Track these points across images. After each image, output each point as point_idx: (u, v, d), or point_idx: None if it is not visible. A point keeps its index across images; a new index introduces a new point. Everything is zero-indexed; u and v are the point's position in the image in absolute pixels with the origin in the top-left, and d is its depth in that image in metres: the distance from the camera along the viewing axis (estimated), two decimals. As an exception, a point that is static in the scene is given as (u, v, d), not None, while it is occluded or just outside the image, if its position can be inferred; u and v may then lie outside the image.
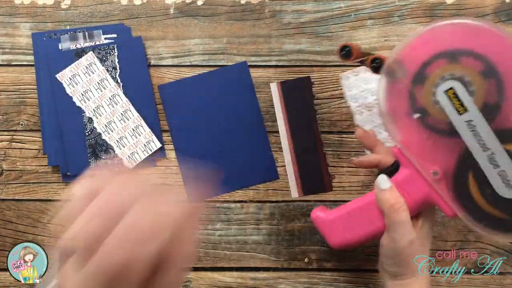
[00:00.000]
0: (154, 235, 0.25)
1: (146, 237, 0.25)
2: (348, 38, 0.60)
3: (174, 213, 0.27)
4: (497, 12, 0.59)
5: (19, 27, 0.61)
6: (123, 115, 0.59)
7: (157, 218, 0.26)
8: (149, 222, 0.26)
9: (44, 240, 0.59)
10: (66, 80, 0.59)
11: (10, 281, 0.59)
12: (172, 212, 0.27)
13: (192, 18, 0.60)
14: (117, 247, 0.25)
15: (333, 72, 0.60)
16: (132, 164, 0.59)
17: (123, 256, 0.24)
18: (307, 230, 0.59)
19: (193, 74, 0.60)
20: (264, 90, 0.60)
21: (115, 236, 0.25)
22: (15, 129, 0.60)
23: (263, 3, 0.60)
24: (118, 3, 0.61)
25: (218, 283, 0.59)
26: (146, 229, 0.25)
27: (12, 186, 0.59)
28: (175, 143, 0.59)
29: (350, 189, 0.59)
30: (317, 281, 0.59)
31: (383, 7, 0.60)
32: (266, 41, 0.60)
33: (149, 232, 0.25)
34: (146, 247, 0.25)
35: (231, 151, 0.59)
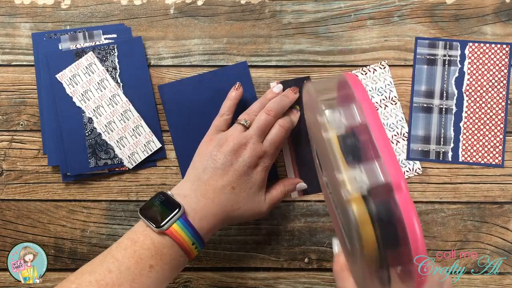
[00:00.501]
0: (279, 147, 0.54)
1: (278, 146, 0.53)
2: (348, 38, 0.60)
3: None
4: (497, 12, 0.59)
5: (19, 27, 0.61)
6: (123, 115, 0.59)
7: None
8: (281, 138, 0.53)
9: (44, 240, 0.59)
10: (66, 80, 0.59)
11: (10, 281, 0.59)
12: None
13: (192, 18, 0.60)
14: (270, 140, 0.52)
15: (333, 72, 0.60)
16: (132, 164, 0.59)
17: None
18: (307, 230, 0.59)
19: (193, 74, 0.60)
20: (264, 90, 0.60)
21: (267, 139, 0.52)
22: (15, 129, 0.60)
23: (263, 3, 0.60)
24: (118, 3, 0.61)
25: (218, 283, 0.59)
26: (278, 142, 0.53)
27: (12, 186, 0.60)
28: (175, 143, 0.59)
29: (350, 189, 0.59)
30: (317, 281, 0.59)
31: (383, 7, 0.60)
32: (266, 41, 0.60)
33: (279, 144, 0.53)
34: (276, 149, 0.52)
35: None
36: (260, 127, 0.52)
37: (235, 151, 0.50)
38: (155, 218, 0.46)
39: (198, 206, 0.48)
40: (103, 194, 0.59)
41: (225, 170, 0.49)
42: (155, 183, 0.59)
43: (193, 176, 0.50)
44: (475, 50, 0.59)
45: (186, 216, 0.46)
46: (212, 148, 0.51)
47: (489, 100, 0.58)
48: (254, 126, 0.52)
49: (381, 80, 0.59)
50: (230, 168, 0.49)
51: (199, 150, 0.52)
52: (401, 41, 0.59)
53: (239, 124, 0.52)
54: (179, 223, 0.45)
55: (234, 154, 0.50)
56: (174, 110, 0.59)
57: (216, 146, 0.50)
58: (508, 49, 0.59)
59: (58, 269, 0.59)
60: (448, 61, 0.59)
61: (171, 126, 0.59)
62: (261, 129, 0.52)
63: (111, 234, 0.59)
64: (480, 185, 0.59)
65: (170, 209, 0.46)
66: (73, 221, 0.59)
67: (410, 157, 0.58)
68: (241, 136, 0.51)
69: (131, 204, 0.59)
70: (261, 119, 0.52)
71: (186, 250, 0.46)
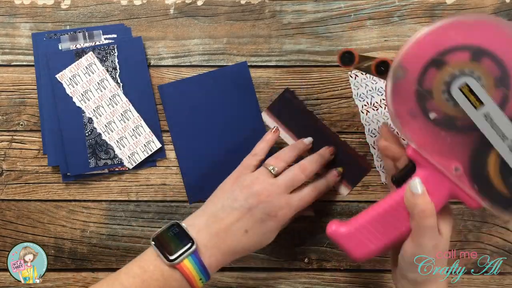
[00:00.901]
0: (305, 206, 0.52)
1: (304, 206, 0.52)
2: (348, 38, 0.60)
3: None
4: (497, 12, 0.59)
5: (19, 27, 0.61)
6: (123, 115, 0.59)
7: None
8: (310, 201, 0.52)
9: (44, 240, 0.59)
10: (66, 80, 0.59)
11: (10, 281, 0.59)
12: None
13: (192, 18, 0.60)
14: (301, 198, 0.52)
15: (333, 72, 0.60)
16: (132, 164, 0.59)
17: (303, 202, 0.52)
18: (307, 230, 0.59)
19: (193, 74, 0.60)
20: (264, 90, 0.60)
21: (298, 194, 0.52)
22: (15, 129, 0.60)
23: (263, 3, 0.60)
24: (118, 3, 0.61)
25: (218, 283, 0.59)
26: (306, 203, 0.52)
27: (12, 186, 0.60)
28: (175, 143, 0.59)
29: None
30: (317, 281, 0.59)
31: (383, 7, 0.60)
32: (266, 41, 0.60)
33: (306, 204, 0.52)
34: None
35: (231, 152, 0.59)
36: (290, 181, 0.51)
37: (257, 196, 0.49)
38: (167, 250, 0.46)
39: (209, 243, 0.48)
40: (103, 194, 0.59)
41: (242, 213, 0.49)
42: (155, 183, 0.59)
43: (210, 211, 0.50)
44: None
45: (197, 253, 0.46)
46: (235, 188, 0.50)
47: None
48: (284, 178, 0.51)
49: (381, 80, 0.59)
50: (247, 213, 0.49)
51: (223, 186, 0.52)
52: (401, 41, 0.59)
53: (266, 169, 0.51)
54: (190, 259, 0.46)
55: (255, 199, 0.49)
56: (174, 110, 0.59)
57: (240, 186, 0.50)
58: None
59: (58, 269, 0.59)
60: None
61: (171, 126, 0.59)
62: (291, 184, 0.51)
63: (111, 234, 0.59)
64: (480, 185, 0.59)
65: (183, 242, 0.46)
66: (73, 221, 0.59)
67: None
68: (267, 183, 0.50)
69: (131, 204, 0.59)
70: (293, 174, 0.51)
71: (192, 284, 0.46)
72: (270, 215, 0.49)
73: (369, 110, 0.59)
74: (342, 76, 0.59)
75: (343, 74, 0.59)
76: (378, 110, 0.59)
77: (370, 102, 0.59)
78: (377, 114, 0.59)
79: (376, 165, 0.59)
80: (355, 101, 0.59)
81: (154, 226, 0.59)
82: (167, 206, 0.59)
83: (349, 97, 0.59)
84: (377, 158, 0.59)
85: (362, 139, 0.59)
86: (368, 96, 0.59)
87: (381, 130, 0.50)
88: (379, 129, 0.53)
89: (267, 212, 0.49)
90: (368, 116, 0.59)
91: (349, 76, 0.59)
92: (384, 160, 0.54)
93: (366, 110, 0.59)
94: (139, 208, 0.59)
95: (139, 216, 0.59)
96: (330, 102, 0.59)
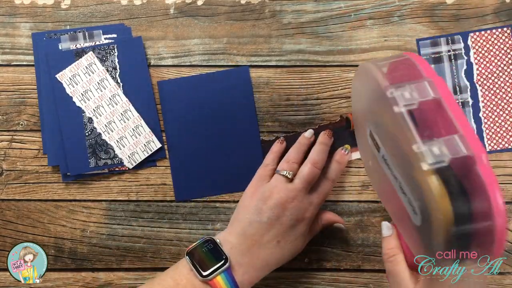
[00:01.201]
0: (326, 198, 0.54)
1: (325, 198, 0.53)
2: (348, 38, 0.60)
3: None
4: (497, 12, 0.59)
5: (19, 27, 0.61)
6: (123, 115, 0.59)
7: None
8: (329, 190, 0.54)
9: (44, 240, 0.59)
10: (66, 80, 0.59)
11: (10, 281, 0.59)
12: None
13: (192, 18, 0.60)
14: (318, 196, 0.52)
15: (333, 72, 0.60)
16: (132, 164, 0.59)
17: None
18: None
19: (193, 74, 0.60)
20: (264, 90, 0.60)
21: (316, 191, 0.53)
22: (15, 129, 0.60)
23: (263, 3, 0.60)
24: (118, 3, 0.61)
25: (218, 283, 0.59)
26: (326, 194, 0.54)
27: (12, 186, 0.59)
28: (168, 140, 0.59)
29: (350, 189, 0.59)
30: (317, 281, 0.59)
31: (383, 7, 0.60)
32: (266, 41, 0.60)
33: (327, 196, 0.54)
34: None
35: (224, 154, 0.59)
36: (307, 180, 0.51)
37: (281, 204, 0.49)
38: (200, 265, 0.47)
39: (243, 260, 0.48)
40: (103, 194, 0.59)
41: (271, 225, 0.49)
42: (155, 183, 0.59)
43: (239, 229, 0.50)
44: (478, 39, 0.59)
45: (230, 270, 0.47)
46: (257, 202, 0.50)
47: (502, 85, 0.59)
48: (300, 178, 0.51)
49: None
50: (276, 223, 0.49)
51: (243, 203, 0.52)
52: (401, 41, 0.59)
53: (281, 175, 0.52)
54: (223, 276, 0.46)
55: (281, 208, 0.49)
56: (170, 107, 0.59)
57: (261, 199, 0.50)
58: (509, 32, 0.59)
59: (58, 269, 0.59)
60: (453, 55, 0.59)
61: (166, 122, 0.59)
62: (308, 182, 0.51)
63: (111, 234, 0.59)
64: (480, 185, 0.59)
65: (216, 258, 0.47)
66: (73, 221, 0.59)
67: None
68: (286, 189, 0.50)
69: (131, 204, 0.59)
70: (307, 172, 0.52)
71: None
72: (298, 219, 0.50)
73: None
74: (342, 76, 0.59)
75: (343, 74, 0.59)
76: None
77: None
78: None
79: None
80: None
81: (154, 226, 0.59)
82: (167, 206, 0.59)
83: (349, 97, 0.59)
84: None
85: (362, 139, 0.59)
86: None
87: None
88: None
89: (295, 217, 0.50)
90: None
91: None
92: None
93: None
94: (139, 208, 0.59)
95: (139, 216, 0.59)
96: (330, 102, 0.59)
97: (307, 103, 0.59)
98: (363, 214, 0.58)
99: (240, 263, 0.48)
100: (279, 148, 0.56)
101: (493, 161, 0.59)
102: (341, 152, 0.56)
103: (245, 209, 0.51)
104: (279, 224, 0.49)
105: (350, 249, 0.58)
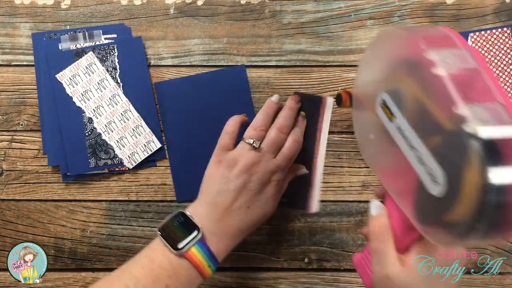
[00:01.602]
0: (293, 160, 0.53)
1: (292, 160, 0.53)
2: (348, 38, 0.60)
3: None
4: (497, 12, 0.59)
5: (19, 27, 0.61)
6: (123, 115, 0.59)
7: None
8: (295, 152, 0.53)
9: (44, 240, 0.59)
10: (66, 80, 0.59)
11: (10, 281, 0.59)
12: None
13: (192, 18, 0.60)
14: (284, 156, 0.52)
15: (333, 72, 0.60)
16: (132, 164, 0.59)
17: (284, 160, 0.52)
18: (307, 230, 0.59)
19: (191, 74, 0.60)
20: (264, 90, 0.60)
21: (282, 153, 0.52)
22: (15, 129, 0.60)
23: (263, 3, 0.60)
24: (118, 3, 0.61)
25: (218, 283, 0.59)
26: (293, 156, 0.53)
27: (12, 186, 0.59)
28: (167, 141, 0.59)
29: (350, 189, 0.59)
30: (317, 281, 0.59)
31: (383, 7, 0.60)
32: (266, 41, 0.60)
33: (293, 158, 0.53)
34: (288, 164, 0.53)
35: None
36: (273, 144, 0.52)
37: (247, 170, 0.50)
38: (173, 239, 0.47)
39: (215, 229, 0.48)
40: (103, 194, 0.59)
41: (239, 192, 0.49)
42: (155, 183, 0.59)
43: (208, 199, 0.50)
44: (478, 39, 0.59)
45: (204, 240, 0.47)
46: (223, 170, 0.50)
47: (502, 85, 0.59)
48: (266, 144, 0.51)
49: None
50: (244, 189, 0.49)
51: (209, 172, 0.52)
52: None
53: (247, 143, 0.51)
54: (197, 247, 0.46)
55: (247, 174, 0.50)
56: (168, 108, 0.59)
57: (228, 167, 0.50)
58: (509, 32, 0.59)
59: (58, 269, 0.59)
60: None
61: (164, 123, 0.59)
62: (274, 146, 0.52)
63: (111, 234, 0.59)
64: (480, 185, 0.59)
65: (188, 230, 0.47)
66: (73, 221, 0.59)
67: None
68: (252, 155, 0.50)
69: (131, 204, 0.59)
70: (273, 137, 0.52)
71: (202, 272, 0.47)
72: (265, 183, 0.50)
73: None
74: (342, 76, 0.59)
75: (343, 74, 0.59)
76: None
77: None
78: None
79: None
80: None
81: (154, 226, 0.59)
82: (167, 206, 0.59)
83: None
84: None
85: (362, 139, 0.59)
86: None
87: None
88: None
89: (261, 181, 0.50)
90: None
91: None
92: None
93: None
94: (139, 208, 0.59)
95: (139, 216, 0.59)
96: (330, 102, 0.59)
97: (307, 103, 0.59)
98: (363, 214, 0.58)
99: (212, 232, 0.48)
100: (239, 118, 0.54)
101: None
102: (299, 118, 0.57)
103: (212, 179, 0.51)
104: (247, 190, 0.49)
105: (350, 249, 0.58)
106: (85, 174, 0.59)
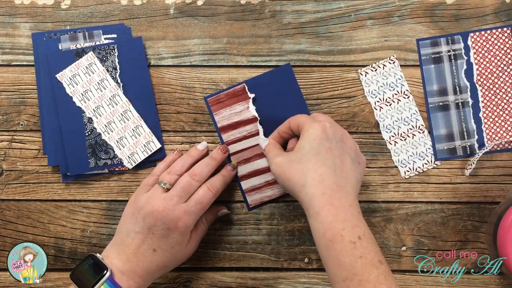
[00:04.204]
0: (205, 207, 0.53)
1: (203, 207, 0.53)
2: (348, 38, 0.60)
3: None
4: (497, 12, 0.59)
5: (19, 27, 0.61)
6: (123, 115, 0.59)
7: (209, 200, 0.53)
8: (209, 200, 0.53)
9: (44, 240, 0.59)
10: (66, 80, 0.59)
11: (10, 281, 0.59)
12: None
13: (192, 18, 0.60)
14: (195, 204, 0.52)
15: (333, 72, 0.60)
16: (132, 164, 0.59)
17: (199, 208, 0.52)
18: (307, 230, 0.59)
19: (193, 74, 0.60)
20: (264, 90, 0.60)
21: (193, 199, 0.52)
22: (15, 129, 0.60)
23: (263, 3, 0.60)
24: (118, 3, 0.61)
25: (218, 283, 0.59)
26: (205, 203, 0.53)
27: (12, 186, 0.60)
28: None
29: (350, 189, 0.59)
30: (317, 281, 0.59)
31: (383, 7, 0.60)
32: (266, 41, 0.60)
33: (206, 205, 0.53)
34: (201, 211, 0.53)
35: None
36: (183, 189, 0.52)
37: (152, 214, 0.50)
38: (83, 281, 0.48)
39: (124, 268, 0.49)
40: (103, 194, 0.59)
41: (144, 235, 0.50)
42: (155, 183, 0.59)
43: (118, 239, 0.51)
44: (478, 39, 0.59)
45: (113, 278, 0.48)
46: (134, 211, 0.51)
47: (502, 85, 0.59)
48: (176, 187, 0.52)
49: (391, 75, 0.59)
50: (149, 232, 0.50)
51: (125, 211, 0.53)
52: (401, 41, 0.59)
53: (158, 185, 0.52)
54: (106, 285, 0.47)
55: (152, 218, 0.50)
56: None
57: (137, 208, 0.51)
58: (509, 32, 0.59)
59: (58, 269, 0.59)
60: (453, 55, 0.59)
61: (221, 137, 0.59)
62: (184, 191, 0.52)
63: (111, 234, 0.59)
64: (480, 185, 0.59)
65: (97, 271, 0.48)
66: (73, 221, 0.59)
67: (438, 157, 0.59)
68: (159, 198, 0.51)
69: (131, 204, 0.59)
70: (184, 182, 0.52)
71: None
72: (170, 228, 0.50)
73: (382, 106, 0.59)
74: (342, 76, 0.59)
75: (343, 74, 0.60)
76: (391, 105, 0.59)
77: (383, 98, 0.59)
78: (391, 109, 0.59)
79: (394, 160, 0.59)
80: (367, 98, 0.59)
81: (154, 226, 0.59)
82: (167, 206, 0.59)
83: (349, 97, 0.59)
84: (394, 154, 0.59)
85: (362, 139, 0.59)
86: (380, 92, 0.59)
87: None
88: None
89: (166, 226, 0.50)
90: (381, 112, 0.59)
91: (359, 74, 0.59)
92: None
93: (379, 106, 0.59)
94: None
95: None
96: (330, 102, 0.59)
97: (307, 103, 0.59)
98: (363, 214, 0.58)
99: (122, 271, 0.49)
100: (172, 158, 0.56)
101: (493, 161, 0.59)
102: (228, 167, 0.57)
103: (125, 219, 0.52)
104: (151, 234, 0.50)
105: (350, 249, 0.58)
106: (85, 174, 0.59)
